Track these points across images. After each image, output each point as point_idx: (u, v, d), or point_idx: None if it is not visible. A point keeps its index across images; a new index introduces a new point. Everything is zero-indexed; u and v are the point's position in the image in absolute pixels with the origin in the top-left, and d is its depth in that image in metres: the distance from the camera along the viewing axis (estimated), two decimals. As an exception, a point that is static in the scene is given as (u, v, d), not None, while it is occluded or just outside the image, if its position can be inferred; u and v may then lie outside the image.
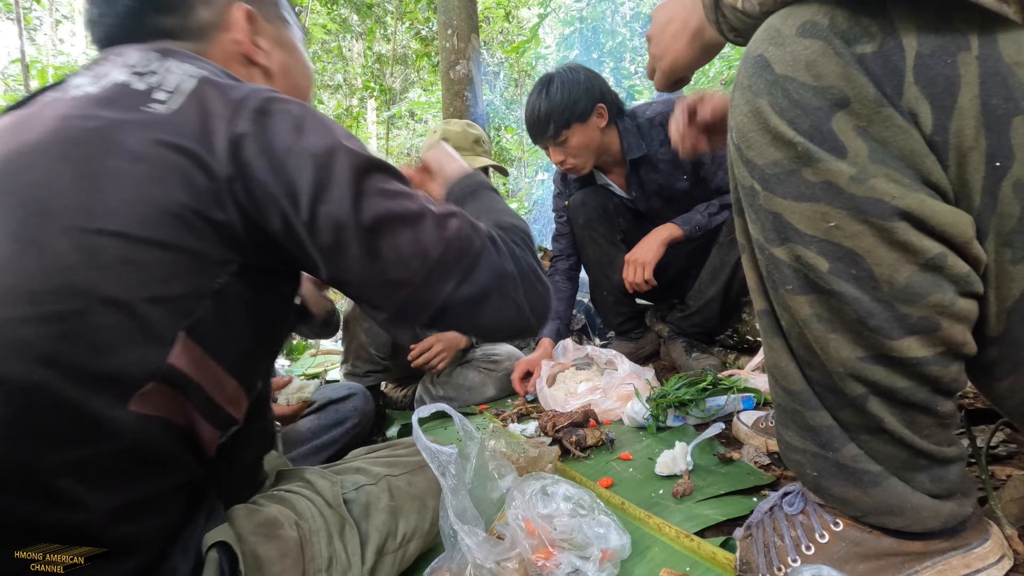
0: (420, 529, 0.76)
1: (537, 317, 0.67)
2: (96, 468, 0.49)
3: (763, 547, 0.69)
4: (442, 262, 0.60)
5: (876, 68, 0.48)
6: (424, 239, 0.59)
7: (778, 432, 0.67)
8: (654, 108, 1.74)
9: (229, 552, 0.56)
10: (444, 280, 0.60)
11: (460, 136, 1.76)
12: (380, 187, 0.59)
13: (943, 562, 0.60)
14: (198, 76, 0.57)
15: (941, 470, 0.58)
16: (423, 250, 0.59)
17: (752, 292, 0.64)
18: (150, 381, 0.50)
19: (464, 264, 0.61)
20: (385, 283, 0.59)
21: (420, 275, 0.59)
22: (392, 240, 0.58)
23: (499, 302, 0.63)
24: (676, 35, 0.69)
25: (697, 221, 1.66)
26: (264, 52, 0.72)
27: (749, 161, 0.56)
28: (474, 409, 1.68)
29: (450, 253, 0.60)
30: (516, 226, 0.72)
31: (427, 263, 0.59)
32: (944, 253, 0.50)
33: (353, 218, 0.56)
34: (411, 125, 11.19)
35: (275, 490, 0.71)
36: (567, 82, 1.62)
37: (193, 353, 0.52)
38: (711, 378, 1.33)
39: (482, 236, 0.64)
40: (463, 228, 0.62)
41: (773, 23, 0.53)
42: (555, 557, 0.70)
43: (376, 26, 7.43)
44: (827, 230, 0.52)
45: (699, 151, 0.91)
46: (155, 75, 0.57)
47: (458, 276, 0.61)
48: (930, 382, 0.54)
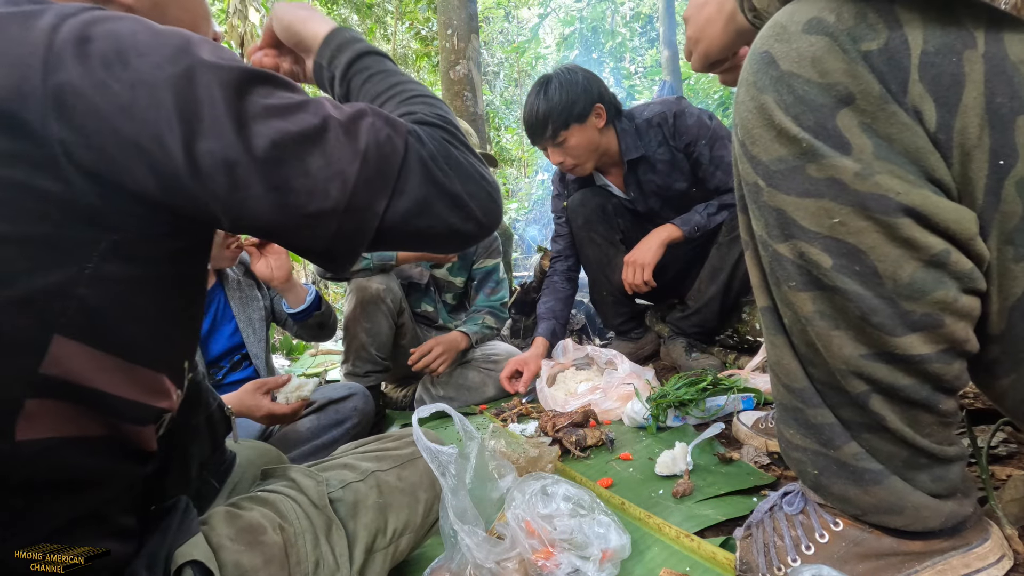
0: (411, 523, 0.74)
1: (488, 217, 0.58)
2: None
3: (763, 547, 0.69)
4: (364, 178, 0.51)
5: (881, 65, 0.48)
6: (336, 155, 0.50)
7: (779, 430, 0.67)
8: (652, 108, 1.74)
9: (204, 568, 0.54)
10: (373, 198, 0.51)
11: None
12: (265, 103, 0.49)
13: (943, 562, 0.60)
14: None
15: (942, 469, 0.58)
16: (339, 170, 0.50)
17: (755, 289, 0.64)
18: (25, 399, 0.42)
19: (390, 173, 0.52)
20: (305, 218, 0.50)
21: (343, 200, 0.50)
22: (299, 166, 0.48)
23: (442, 208, 0.55)
24: (711, 19, 0.69)
25: (696, 222, 1.66)
26: None
27: (753, 157, 0.56)
28: (474, 409, 1.68)
29: (370, 165, 0.51)
30: (438, 116, 0.61)
31: (347, 184, 0.50)
32: (948, 250, 0.50)
33: (243, 151, 0.46)
34: (411, 125, 11.18)
35: (259, 490, 0.70)
36: (565, 83, 1.63)
37: (76, 355, 0.44)
38: (711, 378, 1.33)
39: (402, 133, 0.54)
40: (379, 130, 0.53)
41: (779, 19, 0.53)
42: (555, 557, 0.70)
43: (376, 26, 7.44)
44: (831, 226, 0.52)
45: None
46: None
47: (388, 190, 0.52)
48: (932, 380, 0.54)
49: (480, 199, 0.57)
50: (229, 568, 0.56)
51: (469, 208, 0.56)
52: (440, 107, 0.63)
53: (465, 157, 0.58)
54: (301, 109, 0.50)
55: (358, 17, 7.47)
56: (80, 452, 0.46)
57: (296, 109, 0.50)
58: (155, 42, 0.46)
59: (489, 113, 6.58)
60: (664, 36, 6.94)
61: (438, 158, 0.55)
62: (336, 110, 0.52)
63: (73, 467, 0.46)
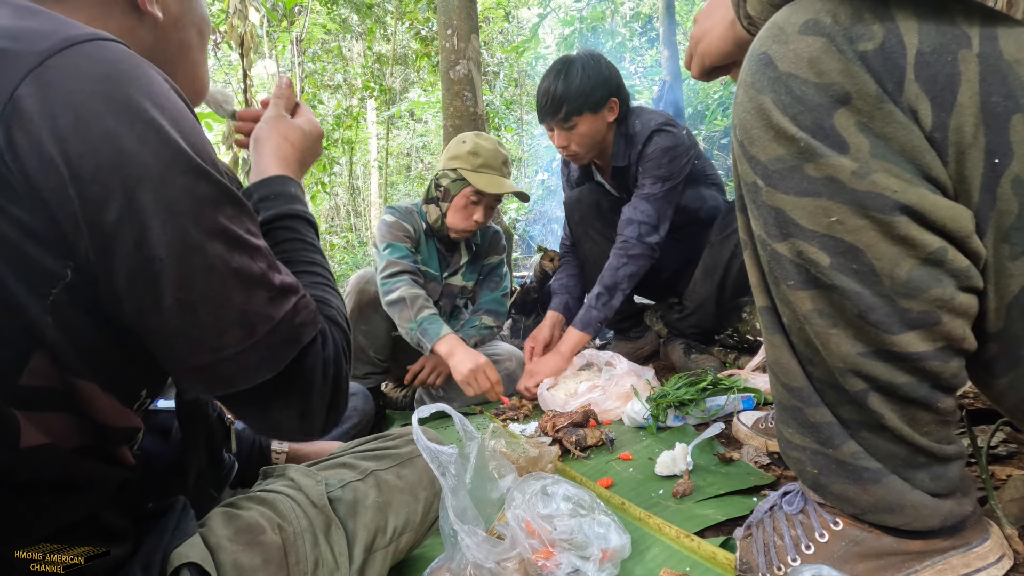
0: (411, 522, 0.74)
1: (320, 432, 0.59)
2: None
3: (763, 547, 0.69)
4: (263, 344, 0.50)
5: (877, 65, 0.48)
6: (254, 311, 0.50)
7: (778, 429, 0.67)
8: (644, 119, 1.71)
9: (201, 570, 0.54)
10: (258, 364, 0.51)
11: (491, 154, 1.69)
12: (225, 227, 0.48)
13: (943, 561, 0.60)
14: None
15: (941, 468, 0.58)
16: (249, 324, 0.49)
17: (754, 288, 0.64)
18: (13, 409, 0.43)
19: (285, 354, 0.52)
20: (188, 340, 0.48)
21: (231, 349, 0.49)
22: (218, 300, 0.47)
23: (299, 406, 0.55)
24: (717, 23, 0.69)
25: (595, 317, 1.65)
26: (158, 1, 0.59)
27: (752, 157, 0.56)
28: (474, 409, 1.67)
29: (276, 337, 0.51)
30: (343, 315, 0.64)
31: (247, 339, 0.49)
32: (944, 247, 0.50)
33: (176, 261, 0.45)
34: (411, 125, 11.19)
35: (258, 490, 0.70)
36: (588, 68, 1.60)
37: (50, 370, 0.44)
38: (711, 378, 1.33)
39: (315, 326, 0.56)
40: (301, 313, 0.54)
41: (776, 21, 0.53)
42: (555, 557, 0.70)
43: (376, 26, 7.44)
44: (828, 225, 0.52)
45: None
46: None
47: (272, 369, 0.51)
48: (930, 378, 0.54)
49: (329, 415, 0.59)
50: (227, 568, 0.56)
51: (316, 420, 0.58)
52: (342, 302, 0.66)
53: (347, 371, 0.60)
54: (251, 253, 0.50)
55: (358, 17, 7.47)
56: (71, 457, 0.46)
57: (246, 250, 0.50)
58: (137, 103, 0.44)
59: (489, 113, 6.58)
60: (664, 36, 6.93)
61: (329, 366, 0.57)
62: (276, 274, 0.53)
63: (65, 470, 0.46)
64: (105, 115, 0.42)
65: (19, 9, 0.46)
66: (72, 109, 0.41)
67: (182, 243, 0.45)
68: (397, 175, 11.30)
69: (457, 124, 2.95)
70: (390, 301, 1.62)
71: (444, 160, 1.79)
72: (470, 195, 1.70)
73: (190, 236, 0.45)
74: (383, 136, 9.43)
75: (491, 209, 1.77)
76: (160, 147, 0.44)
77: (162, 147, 0.44)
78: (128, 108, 0.43)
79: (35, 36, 0.42)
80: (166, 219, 0.44)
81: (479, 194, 1.70)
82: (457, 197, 1.71)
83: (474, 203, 1.71)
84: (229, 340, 0.49)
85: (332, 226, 10.78)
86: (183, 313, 0.46)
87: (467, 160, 1.70)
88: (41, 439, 0.44)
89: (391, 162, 10.62)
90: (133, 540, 0.54)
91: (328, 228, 10.09)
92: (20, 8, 0.46)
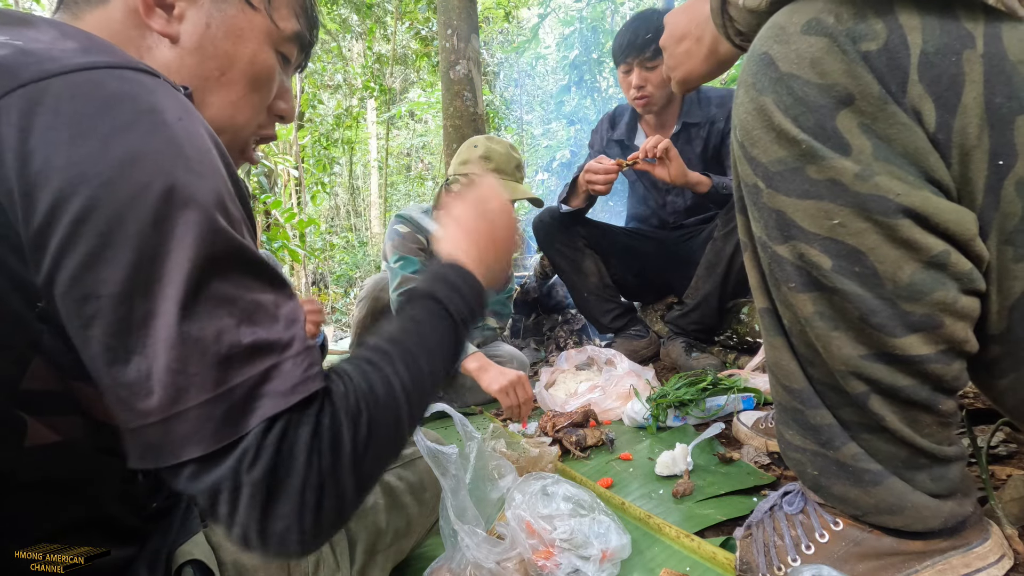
0: (412, 524, 0.74)
1: (305, 540, 0.42)
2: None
3: (763, 547, 0.69)
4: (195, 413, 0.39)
5: (881, 66, 0.48)
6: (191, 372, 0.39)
7: (779, 431, 0.67)
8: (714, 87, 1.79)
9: (204, 567, 0.53)
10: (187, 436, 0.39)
11: (504, 158, 1.66)
12: (228, 293, 0.41)
13: (943, 561, 0.60)
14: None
15: (941, 469, 0.58)
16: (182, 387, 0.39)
17: (754, 290, 0.64)
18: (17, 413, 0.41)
19: (227, 428, 0.40)
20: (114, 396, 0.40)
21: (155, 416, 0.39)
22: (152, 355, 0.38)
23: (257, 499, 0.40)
24: (690, 52, 0.71)
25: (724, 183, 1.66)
26: (168, 19, 0.54)
27: (753, 159, 0.56)
28: (474, 409, 1.67)
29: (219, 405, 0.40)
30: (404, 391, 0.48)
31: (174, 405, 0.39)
32: (947, 250, 0.50)
33: (115, 302, 0.38)
34: (411, 125, 11.19)
35: None
36: None
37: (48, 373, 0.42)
38: (711, 378, 1.33)
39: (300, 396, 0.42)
40: (276, 380, 0.42)
41: (778, 21, 0.53)
42: (555, 557, 0.70)
43: (376, 26, 7.43)
44: (830, 227, 0.52)
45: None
46: None
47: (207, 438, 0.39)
48: (932, 380, 0.54)
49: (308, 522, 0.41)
50: (228, 567, 0.56)
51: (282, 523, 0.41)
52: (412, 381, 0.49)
53: (365, 469, 0.44)
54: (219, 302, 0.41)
55: (358, 17, 7.46)
56: (76, 452, 0.45)
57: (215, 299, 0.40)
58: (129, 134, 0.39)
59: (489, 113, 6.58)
60: (664, 36, 6.92)
61: (319, 454, 0.42)
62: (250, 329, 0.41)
63: (71, 465, 0.46)
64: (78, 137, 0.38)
65: (65, 31, 0.44)
66: (63, 121, 0.38)
67: (130, 282, 0.38)
68: (397, 175, 11.29)
69: (457, 124, 2.95)
70: None
71: (455, 165, 1.76)
72: None
73: (141, 275, 0.38)
74: (383, 136, 9.43)
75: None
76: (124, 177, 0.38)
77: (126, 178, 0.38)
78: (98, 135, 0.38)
79: (52, 56, 0.40)
80: (116, 250, 0.37)
81: None
82: None
83: None
84: (153, 404, 0.39)
85: (332, 226, 10.78)
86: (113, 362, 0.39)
87: (479, 165, 1.66)
88: (49, 437, 0.43)
89: (391, 162, 10.61)
90: (141, 539, 0.54)
91: (328, 228, 10.09)
92: (66, 29, 0.45)
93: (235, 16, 0.58)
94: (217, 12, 0.57)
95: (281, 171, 6.12)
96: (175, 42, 0.55)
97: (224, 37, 0.57)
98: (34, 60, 0.39)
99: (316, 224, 5.84)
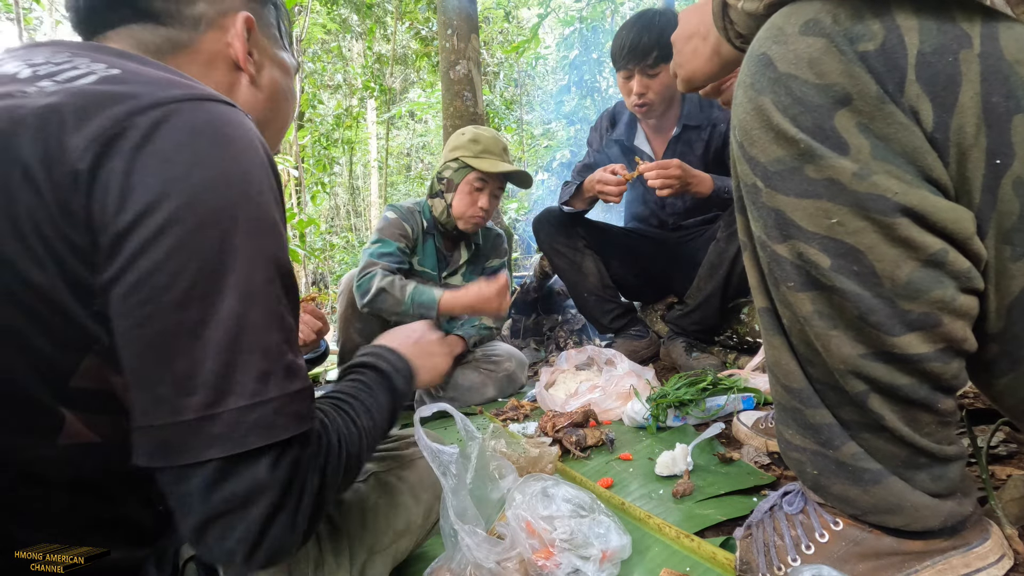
0: (412, 524, 0.75)
1: (272, 551, 0.46)
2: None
3: (763, 547, 0.69)
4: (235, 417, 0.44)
5: (878, 65, 0.48)
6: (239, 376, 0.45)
7: (778, 430, 0.67)
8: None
9: (208, 564, 0.55)
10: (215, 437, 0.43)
11: (492, 141, 1.74)
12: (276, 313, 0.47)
13: (943, 561, 0.60)
14: (104, 73, 0.46)
15: (941, 468, 0.58)
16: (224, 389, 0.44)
17: (753, 290, 0.64)
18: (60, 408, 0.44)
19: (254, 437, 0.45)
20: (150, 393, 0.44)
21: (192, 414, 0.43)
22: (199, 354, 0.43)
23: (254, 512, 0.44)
24: (697, 50, 0.71)
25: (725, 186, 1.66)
26: (255, 63, 0.68)
27: (752, 158, 0.56)
28: (474, 409, 1.68)
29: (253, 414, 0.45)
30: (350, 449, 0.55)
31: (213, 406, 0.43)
32: (945, 249, 0.50)
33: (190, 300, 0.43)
34: (411, 125, 11.19)
35: None
36: (675, 21, 1.64)
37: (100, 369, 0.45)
38: (711, 378, 1.33)
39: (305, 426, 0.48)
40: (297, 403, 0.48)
41: (776, 21, 0.53)
42: (555, 557, 0.70)
43: (376, 26, 7.43)
44: (829, 227, 0.52)
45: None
46: (53, 65, 0.47)
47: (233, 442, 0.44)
48: (931, 379, 0.54)
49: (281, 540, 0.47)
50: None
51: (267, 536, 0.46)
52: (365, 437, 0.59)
53: (326, 497, 0.51)
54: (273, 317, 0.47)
55: (358, 17, 7.46)
56: (104, 454, 0.47)
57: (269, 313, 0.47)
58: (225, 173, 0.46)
59: (489, 113, 6.58)
60: (664, 36, 6.91)
61: (309, 481, 0.48)
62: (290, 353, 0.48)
63: (101, 464, 0.48)
64: (190, 162, 0.44)
65: (160, 67, 0.52)
66: (168, 149, 0.43)
67: (193, 290, 0.43)
68: (397, 175, 11.30)
69: (457, 124, 2.95)
70: (371, 299, 1.60)
71: (445, 154, 1.81)
72: (474, 181, 1.72)
73: (203, 285, 0.43)
74: (383, 136, 9.43)
75: (496, 198, 1.78)
76: (218, 199, 0.44)
77: (221, 200, 0.44)
78: (210, 161, 0.45)
79: (168, 84, 0.46)
80: (187, 267, 0.43)
81: (483, 179, 1.72)
82: (461, 184, 1.73)
83: (478, 189, 1.73)
84: (193, 402, 0.43)
85: (332, 226, 10.78)
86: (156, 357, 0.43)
87: (468, 148, 1.73)
88: (85, 436, 0.45)
89: (391, 162, 10.61)
90: (155, 538, 0.55)
91: (328, 228, 10.09)
92: (160, 66, 0.52)
93: (284, 60, 0.72)
94: (276, 57, 0.71)
95: (281, 171, 6.13)
96: (253, 82, 0.67)
97: (281, 75, 0.71)
98: (146, 89, 0.45)
99: (316, 224, 5.84)
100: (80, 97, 0.43)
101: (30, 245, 0.41)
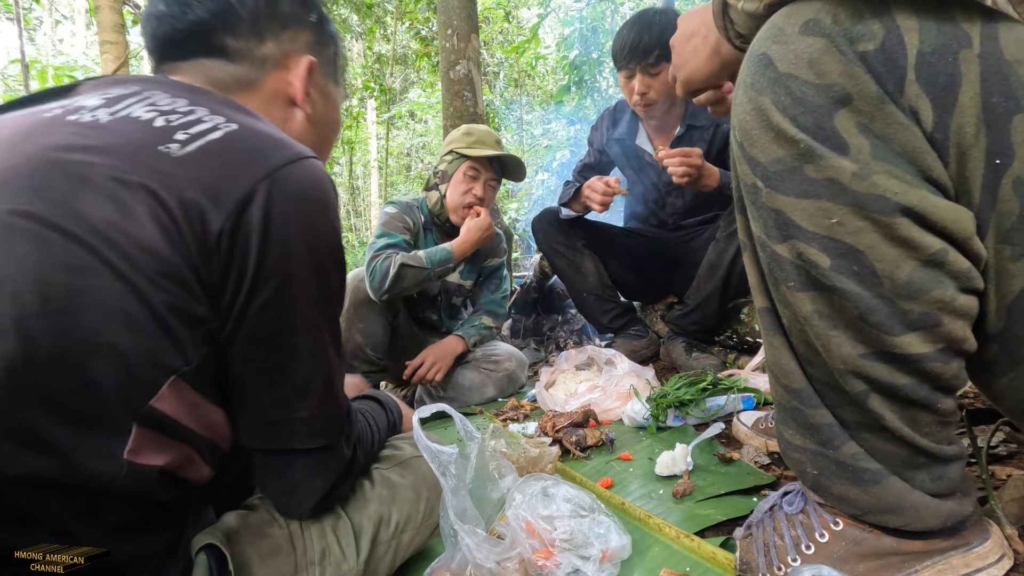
0: (413, 519, 0.76)
1: (326, 507, 0.68)
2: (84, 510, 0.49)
3: (763, 547, 0.69)
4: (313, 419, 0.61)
5: (878, 65, 0.48)
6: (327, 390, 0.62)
7: (778, 430, 0.67)
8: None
9: (218, 553, 0.57)
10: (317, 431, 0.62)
11: (484, 133, 1.80)
12: (335, 320, 0.62)
13: (943, 561, 0.60)
14: (226, 129, 0.55)
15: (941, 468, 0.58)
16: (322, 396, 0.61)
17: (753, 290, 0.64)
18: (133, 426, 0.49)
19: (337, 432, 0.64)
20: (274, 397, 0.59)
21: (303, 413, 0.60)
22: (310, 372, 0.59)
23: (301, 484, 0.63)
24: (697, 50, 0.71)
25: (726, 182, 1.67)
26: (311, 101, 0.74)
27: (752, 158, 0.56)
28: (473, 409, 1.68)
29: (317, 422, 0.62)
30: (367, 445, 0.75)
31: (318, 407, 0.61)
32: (945, 249, 0.50)
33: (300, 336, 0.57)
34: (411, 125, 11.19)
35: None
36: (676, 20, 1.64)
37: (184, 396, 0.52)
38: (711, 378, 1.33)
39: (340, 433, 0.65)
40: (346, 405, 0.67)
41: (776, 21, 0.53)
42: (555, 557, 0.70)
43: (376, 26, 7.43)
44: (829, 227, 0.52)
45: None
46: (179, 116, 0.54)
47: (327, 436, 0.63)
48: (931, 379, 0.54)
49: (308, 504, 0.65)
50: (236, 556, 0.59)
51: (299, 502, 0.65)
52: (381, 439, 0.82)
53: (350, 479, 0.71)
54: (338, 345, 0.63)
55: (358, 17, 7.46)
56: (158, 478, 0.52)
57: (336, 342, 0.63)
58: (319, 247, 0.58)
59: (489, 113, 6.57)
60: (664, 36, 6.90)
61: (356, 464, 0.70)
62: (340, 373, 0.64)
63: (146, 487, 0.52)
64: (303, 218, 0.55)
65: (236, 108, 0.59)
66: (287, 210, 0.53)
67: (311, 323, 0.58)
68: (397, 175, 11.30)
69: (457, 124, 2.94)
70: (393, 279, 1.58)
71: (441, 149, 1.85)
72: (467, 169, 1.75)
73: (319, 320, 0.58)
74: (383, 136, 9.43)
75: (492, 189, 1.79)
76: (321, 248, 0.57)
77: (323, 248, 0.57)
78: (316, 217, 0.56)
79: (275, 145, 0.55)
80: (305, 303, 0.56)
81: (475, 168, 1.73)
82: (455, 174, 1.76)
83: (472, 177, 1.75)
84: (307, 404, 0.59)
85: (332, 226, 10.74)
86: (282, 374, 0.57)
87: (461, 140, 1.77)
88: (150, 458, 0.50)
89: (391, 162, 10.61)
90: (175, 532, 0.59)
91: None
92: (235, 107, 0.60)
93: (334, 92, 0.79)
94: (329, 93, 0.78)
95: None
96: (309, 119, 0.74)
97: (332, 110, 0.79)
98: (265, 148, 0.55)
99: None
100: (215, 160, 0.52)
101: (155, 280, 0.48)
